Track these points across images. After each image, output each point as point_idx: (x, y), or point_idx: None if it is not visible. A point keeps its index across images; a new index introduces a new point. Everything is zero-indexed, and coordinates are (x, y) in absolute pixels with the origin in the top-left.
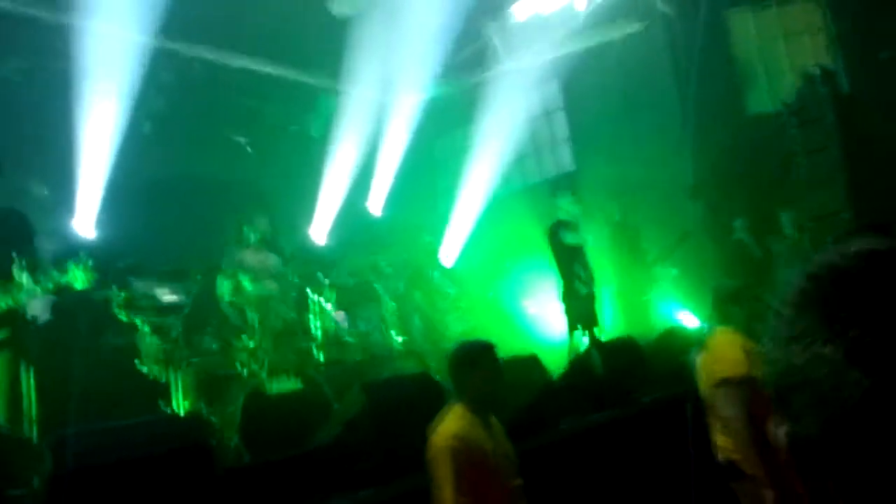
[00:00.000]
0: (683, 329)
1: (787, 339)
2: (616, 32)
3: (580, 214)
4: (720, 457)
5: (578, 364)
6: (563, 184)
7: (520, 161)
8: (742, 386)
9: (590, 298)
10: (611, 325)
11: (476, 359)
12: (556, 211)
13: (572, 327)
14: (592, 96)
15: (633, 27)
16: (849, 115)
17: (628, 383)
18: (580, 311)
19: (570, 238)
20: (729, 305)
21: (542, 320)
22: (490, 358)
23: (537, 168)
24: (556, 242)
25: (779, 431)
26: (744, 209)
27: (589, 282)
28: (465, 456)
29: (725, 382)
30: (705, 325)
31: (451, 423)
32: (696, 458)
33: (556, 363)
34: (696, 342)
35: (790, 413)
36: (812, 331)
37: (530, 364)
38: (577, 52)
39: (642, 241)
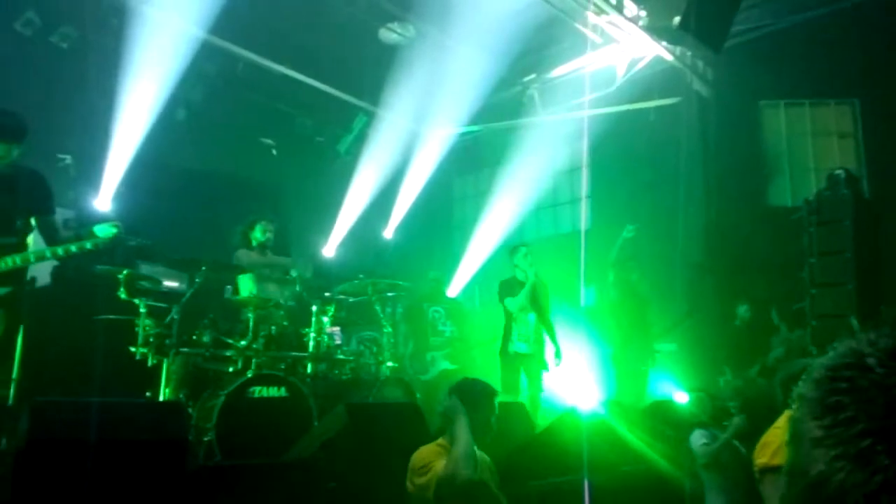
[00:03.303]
0: (673, 404)
1: (809, 441)
2: (650, 103)
3: (532, 271)
4: None
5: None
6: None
7: (537, 212)
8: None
9: (528, 359)
10: (606, 389)
11: (475, 401)
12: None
13: (504, 384)
14: (618, 161)
15: (667, 101)
16: (867, 222)
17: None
18: (511, 369)
19: (509, 303)
20: (789, 388)
21: None
22: (488, 405)
23: (553, 221)
24: (501, 300)
25: None
26: (749, 296)
27: (529, 341)
28: (426, 467)
29: (766, 470)
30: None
31: (422, 449)
32: None
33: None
34: (686, 419)
35: None
36: (838, 444)
37: (517, 412)
38: (610, 116)
39: (648, 311)
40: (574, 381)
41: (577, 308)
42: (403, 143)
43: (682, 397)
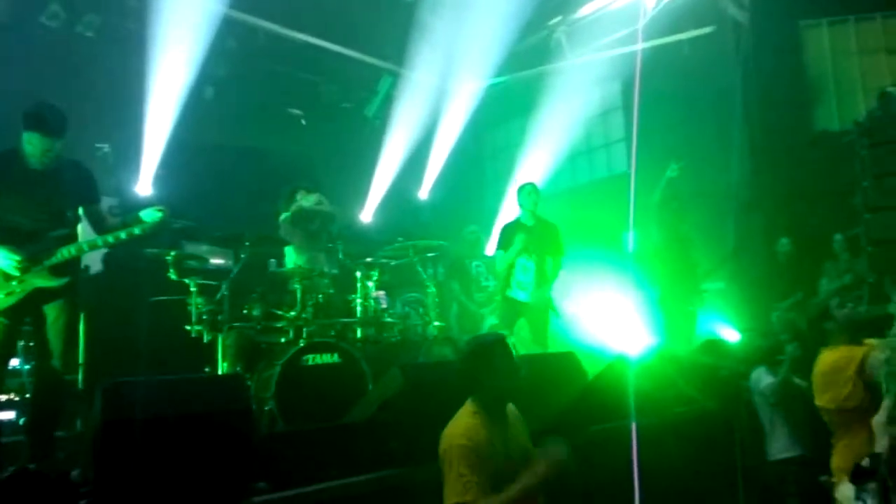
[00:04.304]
0: (723, 342)
1: None
2: (683, 35)
3: (534, 208)
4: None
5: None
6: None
7: (572, 159)
8: None
9: (529, 308)
10: (654, 333)
11: (487, 354)
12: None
13: (499, 326)
14: (653, 98)
15: (701, 31)
16: None
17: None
18: (507, 312)
19: (499, 257)
20: (823, 322)
21: (578, 322)
22: (502, 353)
23: (588, 167)
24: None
25: None
26: (798, 227)
27: (525, 289)
28: (472, 455)
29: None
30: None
31: (460, 421)
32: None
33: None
34: (735, 357)
35: None
36: None
37: (567, 362)
38: (642, 52)
39: (693, 251)
40: (622, 326)
41: (619, 253)
42: (431, 101)
43: (732, 335)
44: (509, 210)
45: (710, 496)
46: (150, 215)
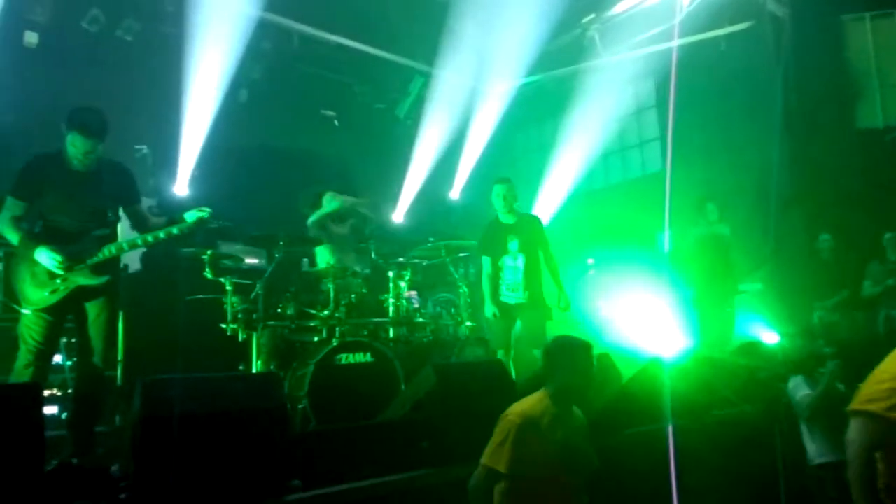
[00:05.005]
0: (762, 345)
1: None
2: (720, 31)
3: (509, 205)
4: None
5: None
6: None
7: (605, 158)
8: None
9: (523, 309)
10: (690, 335)
11: (569, 351)
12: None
13: (493, 339)
14: (689, 96)
15: (739, 26)
16: None
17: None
18: (500, 321)
19: (485, 263)
20: None
21: (613, 324)
22: (583, 356)
23: (622, 166)
24: (479, 253)
25: None
26: (840, 226)
27: (517, 290)
28: (525, 436)
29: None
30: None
31: (526, 403)
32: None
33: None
34: (774, 360)
35: None
36: None
37: (602, 363)
38: (677, 49)
39: (731, 250)
40: (657, 328)
41: (654, 253)
42: (463, 101)
43: (770, 338)
44: (541, 212)
45: (749, 500)
46: (193, 216)
